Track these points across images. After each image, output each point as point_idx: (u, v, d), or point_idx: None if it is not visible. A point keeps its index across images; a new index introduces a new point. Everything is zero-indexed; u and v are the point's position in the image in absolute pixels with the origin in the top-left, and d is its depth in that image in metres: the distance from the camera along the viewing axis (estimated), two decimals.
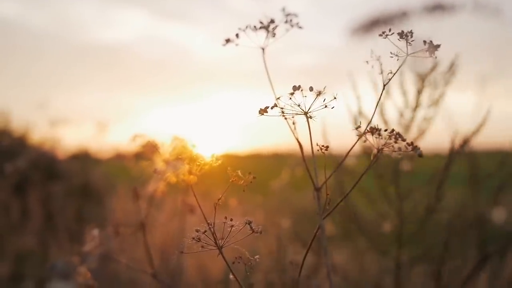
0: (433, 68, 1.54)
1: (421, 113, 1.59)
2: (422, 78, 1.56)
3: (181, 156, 0.57)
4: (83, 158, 4.60)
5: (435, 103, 1.57)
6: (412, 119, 1.59)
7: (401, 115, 1.60)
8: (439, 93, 1.56)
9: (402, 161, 1.62)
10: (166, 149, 0.56)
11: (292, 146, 0.68)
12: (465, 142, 1.52)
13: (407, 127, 1.60)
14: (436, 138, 1.65)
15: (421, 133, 1.60)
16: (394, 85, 1.60)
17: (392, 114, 1.62)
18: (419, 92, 1.57)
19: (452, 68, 1.53)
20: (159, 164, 0.55)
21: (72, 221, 3.16)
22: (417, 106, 1.58)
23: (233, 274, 0.68)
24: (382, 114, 1.63)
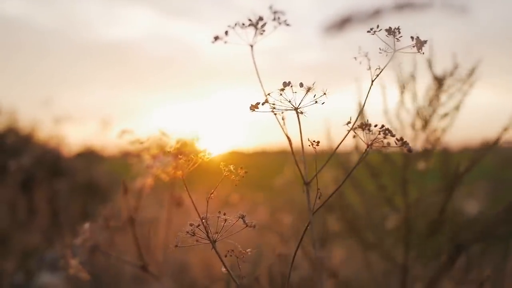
0: (451, 72, 1.51)
1: (437, 115, 1.57)
2: (439, 82, 1.53)
3: (168, 151, 0.58)
4: (88, 156, 4.62)
5: (454, 108, 1.54)
6: (427, 122, 1.57)
7: (417, 117, 1.58)
8: (457, 100, 1.53)
9: (409, 168, 1.60)
10: (153, 144, 0.57)
11: (298, 143, 0.69)
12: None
13: (422, 127, 1.58)
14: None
15: (437, 138, 1.58)
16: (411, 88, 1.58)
17: (407, 117, 1.60)
18: (435, 96, 1.54)
19: (471, 75, 1.49)
20: (148, 159, 0.56)
21: (77, 218, 3.19)
22: (433, 111, 1.56)
23: (225, 267, 0.69)
24: (398, 116, 1.61)
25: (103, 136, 4.29)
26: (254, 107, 0.66)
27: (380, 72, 0.62)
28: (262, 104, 0.66)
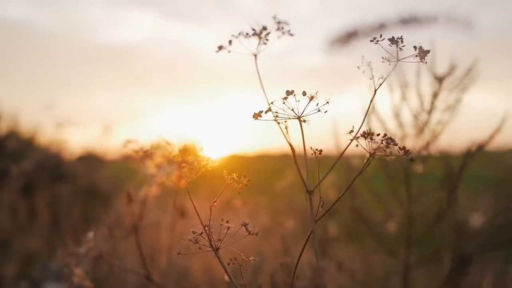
0: (451, 71, 1.54)
1: (436, 116, 1.58)
2: (439, 81, 1.55)
3: (173, 160, 0.58)
4: (89, 160, 4.62)
5: (452, 107, 1.56)
6: (426, 122, 1.59)
7: (416, 118, 1.60)
8: (455, 97, 1.56)
9: (413, 163, 1.63)
10: (158, 153, 0.58)
11: (300, 147, 0.69)
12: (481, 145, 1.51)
13: (421, 130, 1.60)
14: (450, 139, 1.65)
15: (435, 136, 1.60)
16: (411, 88, 1.60)
17: (408, 117, 1.62)
18: (435, 95, 1.56)
19: (470, 73, 1.52)
20: (152, 168, 0.56)
21: (78, 222, 3.19)
22: (432, 109, 1.57)
23: (228, 275, 0.69)
24: (397, 117, 1.63)
25: (105, 140, 4.29)
26: (257, 116, 0.66)
27: (383, 81, 0.62)
28: (265, 112, 0.66)
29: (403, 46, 0.61)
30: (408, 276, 1.63)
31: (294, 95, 0.65)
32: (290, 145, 0.67)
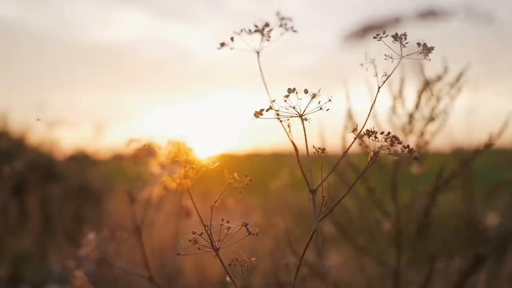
0: (441, 76, 1.52)
1: (426, 121, 1.57)
2: (429, 86, 1.53)
3: (176, 160, 0.57)
4: (81, 159, 4.59)
5: (442, 112, 1.55)
6: (417, 126, 1.57)
7: (408, 121, 1.58)
8: (445, 104, 1.54)
9: (398, 170, 1.60)
10: (161, 152, 0.56)
11: (292, 146, 0.68)
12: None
13: (412, 133, 1.58)
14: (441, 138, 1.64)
15: (427, 141, 1.58)
16: (401, 91, 1.59)
17: (399, 120, 1.60)
18: (424, 98, 1.54)
19: (460, 79, 1.50)
20: (155, 168, 0.55)
21: (70, 222, 3.16)
22: (426, 114, 1.56)
23: (229, 276, 0.68)
24: (390, 119, 1.61)
25: (97, 139, 4.26)
26: (258, 114, 0.65)
27: (387, 79, 0.61)
28: (266, 110, 0.65)
29: (406, 43, 0.61)
30: (399, 282, 1.62)
31: (296, 93, 0.64)
32: (293, 144, 0.66)
